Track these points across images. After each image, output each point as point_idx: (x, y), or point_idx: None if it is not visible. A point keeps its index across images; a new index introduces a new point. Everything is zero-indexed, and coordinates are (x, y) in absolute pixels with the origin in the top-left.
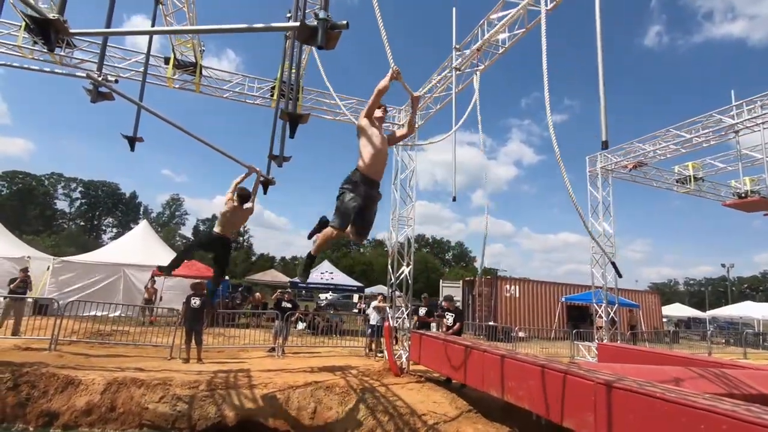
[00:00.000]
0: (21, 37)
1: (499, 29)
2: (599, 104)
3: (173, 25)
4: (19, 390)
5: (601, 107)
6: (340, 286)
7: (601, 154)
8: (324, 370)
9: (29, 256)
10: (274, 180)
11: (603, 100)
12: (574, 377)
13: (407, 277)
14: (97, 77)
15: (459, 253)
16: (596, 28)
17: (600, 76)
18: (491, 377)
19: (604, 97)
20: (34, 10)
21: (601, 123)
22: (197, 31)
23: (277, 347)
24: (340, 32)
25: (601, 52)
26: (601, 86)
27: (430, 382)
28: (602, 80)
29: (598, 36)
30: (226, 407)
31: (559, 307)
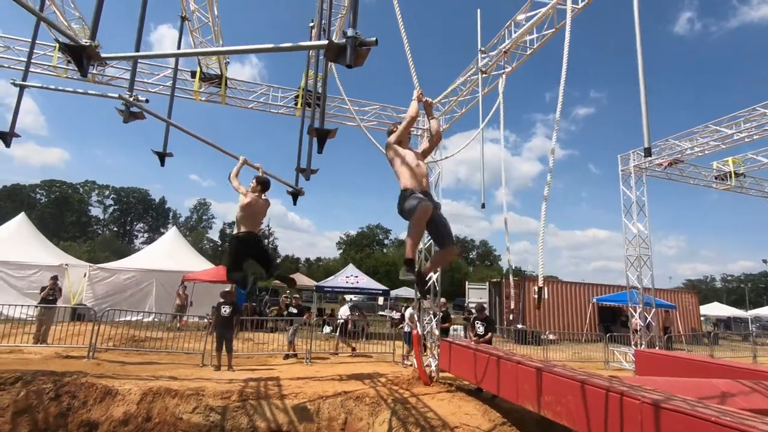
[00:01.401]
0: (55, 57)
1: (526, 30)
2: (641, 110)
3: (199, 39)
4: (61, 400)
5: (642, 113)
6: (366, 290)
7: (634, 152)
8: (352, 378)
9: (67, 264)
10: (303, 191)
11: (644, 107)
12: (617, 395)
13: (435, 283)
14: (128, 98)
15: (483, 252)
16: (635, 28)
17: (641, 80)
18: (526, 390)
19: (646, 104)
20: (67, 37)
21: (643, 130)
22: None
23: (305, 354)
24: (369, 49)
25: (641, 57)
26: (642, 93)
27: (461, 392)
28: (643, 86)
29: (638, 35)
30: (258, 418)
31: (590, 308)
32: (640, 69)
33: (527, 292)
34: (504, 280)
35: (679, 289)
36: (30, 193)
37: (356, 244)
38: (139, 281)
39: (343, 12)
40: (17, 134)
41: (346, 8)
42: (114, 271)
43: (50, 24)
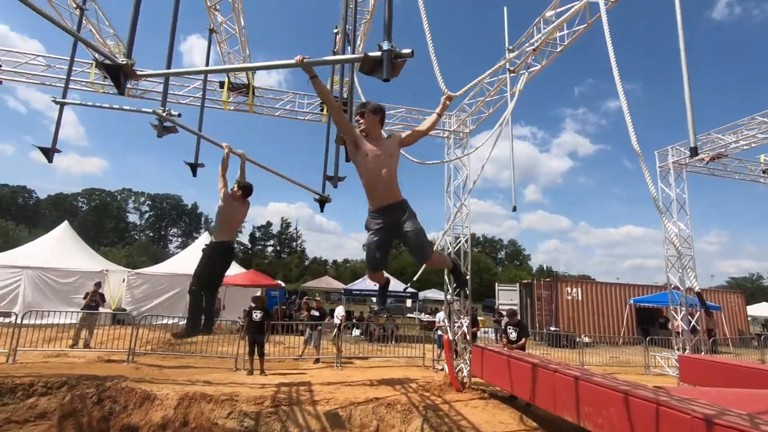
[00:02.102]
0: (93, 73)
1: (557, 26)
2: (685, 106)
3: (227, 49)
4: (103, 404)
5: (687, 110)
6: (394, 293)
7: (673, 147)
8: (383, 383)
9: (107, 269)
10: (330, 198)
11: (689, 104)
12: (665, 408)
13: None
14: (162, 113)
15: (512, 252)
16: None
17: (684, 76)
18: (564, 400)
19: (690, 101)
20: (104, 56)
21: (688, 128)
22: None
23: (335, 359)
24: (404, 61)
25: (684, 52)
26: (686, 88)
27: (495, 399)
28: (687, 82)
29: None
30: (291, 424)
31: (627, 310)
32: (683, 64)
33: (560, 294)
34: (535, 282)
35: (723, 289)
36: (72, 202)
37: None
38: (174, 285)
39: (367, 17)
40: (58, 150)
41: (370, 12)
42: (150, 276)
43: (88, 44)
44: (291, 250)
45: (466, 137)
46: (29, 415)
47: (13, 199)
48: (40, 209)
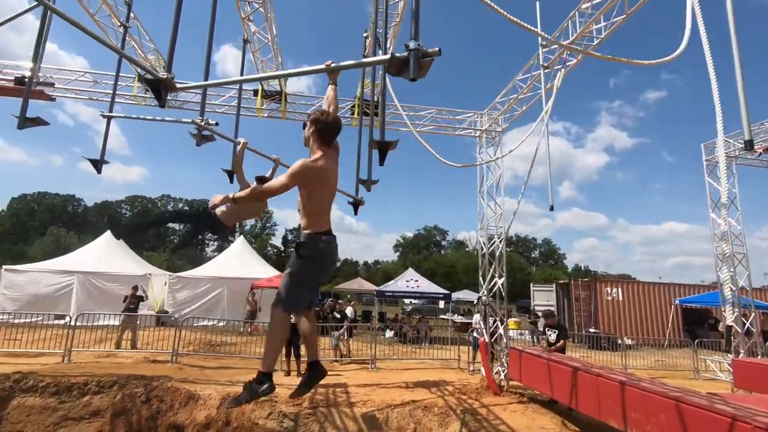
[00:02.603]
0: (135, 87)
1: (594, 19)
2: (738, 98)
3: (260, 58)
4: (151, 404)
5: (740, 100)
6: (427, 294)
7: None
8: (419, 385)
9: (150, 273)
10: (363, 201)
11: (742, 93)
12: (722, 416)
13: (501, 289)
14: (200, 122)
15: (546, 251)
16: None
17: (736, 63)
18: (609, 406)
19: (743, 90)
20: (146, 71)
21: (742, 120)
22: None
23: (369, 360)
24: (432, 60)
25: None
26: (738, 76)
27: (534, 403)
28: (739, 70)
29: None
30: (329, 426)
31: (672, 311)
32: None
33: (599, 294)
34: (572, 282)
35: None
36: (117, 209)
37: (414, 246)
38: (212, 288)
39: (397, 20)
40: (106, 161)
41: (399, 15)
42: (190, 279)
43: (131, 60)
44: None
45: (498, 136)
46: (84, 413)
47: (64, 208)
48: (88, 216)
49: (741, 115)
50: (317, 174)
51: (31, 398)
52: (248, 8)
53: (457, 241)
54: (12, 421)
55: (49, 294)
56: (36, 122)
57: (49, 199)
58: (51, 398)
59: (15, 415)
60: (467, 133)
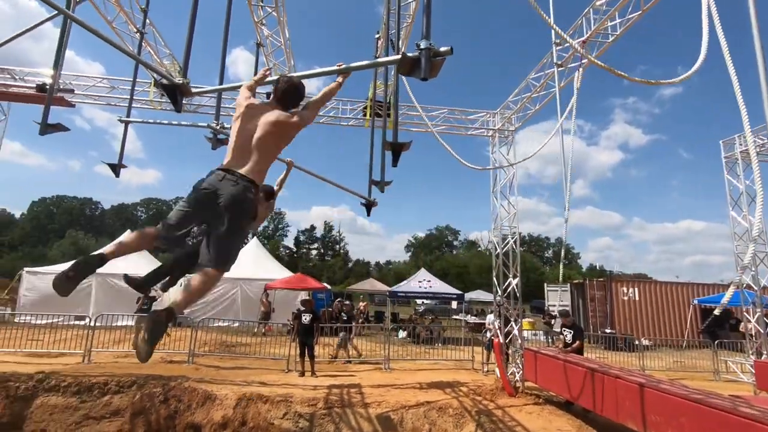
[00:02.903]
0: (152, 92)
1: (609, 16)
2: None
3: (273, 61)
4: (169, 403)
5: (764, 96)
6: (439, 294)
7: (740, 135)
8: (433, 386)
9: None
10: (376, 202)
11: (766, 88)
12: (746, 420)
13: (515, 289)
14: (216, 126)
15: (560, 250)
16: None
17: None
18: (627, 408)
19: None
20: (163, 76)
21: (765, 114)
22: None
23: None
24: (443, 59)
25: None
26: (761, 70)
27: (550, 405)
28: (762, 62)
29: None
30: (344, 426)
31: (690, 311)
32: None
33: (615, 294)
34: (587, 281)
35: None
36: (133, 211)
37: (425, 246)
38: (227, 289)
39: (409, 20)
40: (124, 165)
41: (411, 15)
42: None
43: (148, 66)
44: (334, 252)
45: (511, 135)
46: (105, 412)
47: (82, 211)
48: (105, 219)
49: (764, 110)
50: (237, 106)
51: (54, 397)
52: (261, 12)
53: (469, 241)
54: (35, 420)
55: None
56: (57, 128)
57: (68, 202)
58: (72, 398)
59: (38, 414)
60: (479, 132)
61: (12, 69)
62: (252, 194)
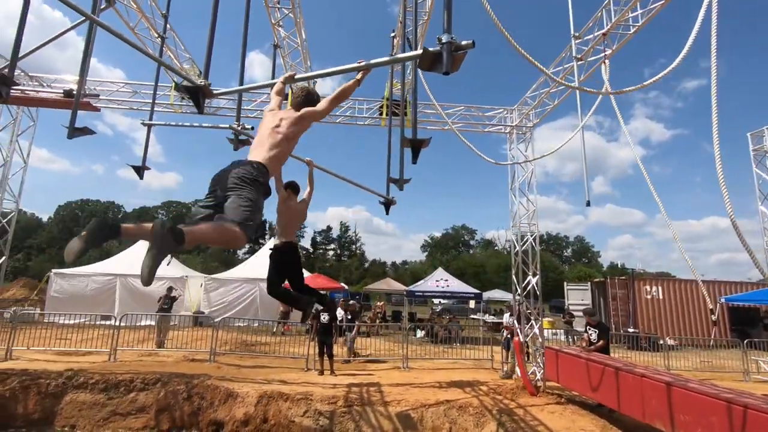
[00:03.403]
0: (172, 96)
1: (631, 6)
2: None
3: (290, 63)
4: (192, 400)
5: None
6: (457, 294)
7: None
8: (453, 385)
9: (187, 275)
10: (395, 200)
11: None
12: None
13: (535, 287)
14: (237, 127)
15: (579, 249)
16: None
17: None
18: (654, 407)
19: None
20: (185, 79)
21: None
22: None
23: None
24: (465, 53)
25: None
26: None
27: (573, 404)
28: None
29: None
30: (364, 424)
31: (718, 310)
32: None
33: (638, 293)
34: (609, 280)
35: None
36: (154, 214)
37: (442, 246)
38: (247, 290)
39: (425, 18)
40: (148, 167)
41: (428, 12)
42: (225, 280)
43: (170, 68)
44: (351, 253)
45: (529, 132)
46: (131, 409)
47: (105, 214)
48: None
49: None
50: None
51: (82, 394)
52: (278, 14)
53: (486, 241)
54: (65, 415)
55: (93, 296)
56: (84, 132)
57: (92, 205)
58: (100, 394)
59: (68, 410)
60: (497, 129)
61: (40, 76)
62: (256, 170)
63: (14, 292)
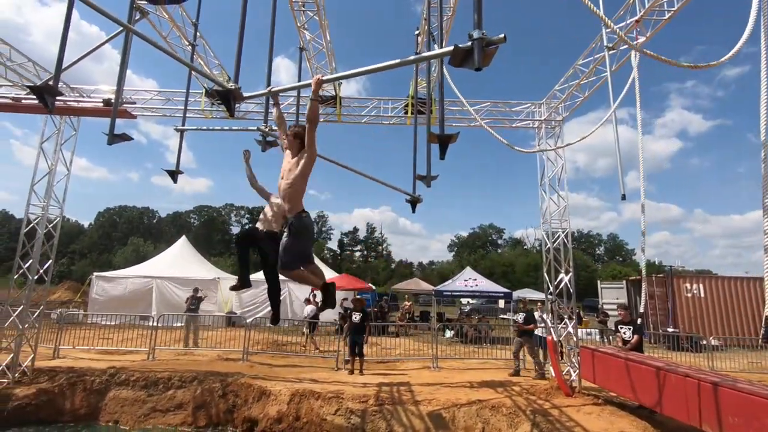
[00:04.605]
0: (203, 102)
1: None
2: None
3: (315, 65)
4: (227, 398)
5: None
6: (487, 293)
7: None
8: (484, 385)
9: (219, 277)
10: (422, 198)
11: None
12: None
13: (568, 285)
14: (265, 129)
15: (612, 247)
16: None
17: None
18: (700, 409)
19: None
20: (217, 84)
21: None
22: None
23: (432, 359)
24: (497, 48)
25: None
26: None
27: (611, 405)
28: None
29: None
30: (395, 423)
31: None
32: None
33: (677, 291)
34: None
35: None
36: (186, 219)
37: (469, 245)
38: None
39: (449, 14)
40: (181, 171)
41: (452, 8)
42: (255, 282)
43: (204, 74)
44: (377, 253)
45: (558, 125)
46: (169, 405)
47: (141, 219)
48: (162, 226)
49: None
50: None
51: (124, 391)
52: (303, 17)
53: (514, 239)
54: (109, 411)
55: (131, 297)
56: (122, 138)
57: (129, 211)
58: (141, 391)
59: (111, 405)
60: (525, 124)
61: (80, 87)
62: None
63: (59, 295)
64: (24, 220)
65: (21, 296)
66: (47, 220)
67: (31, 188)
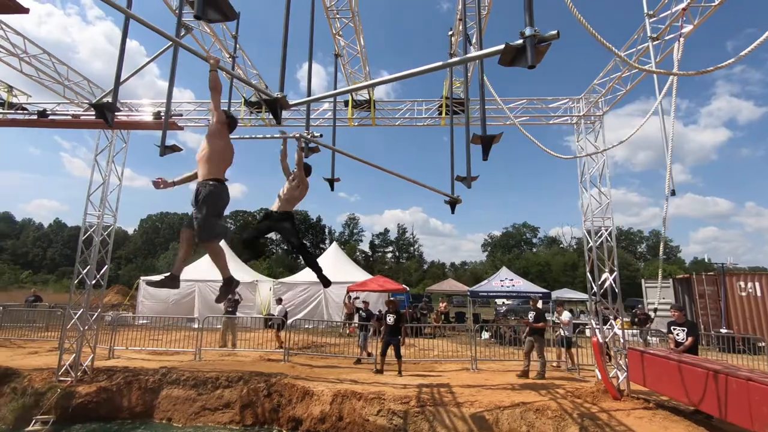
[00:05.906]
0: (242, 110)
1: None
2: None
3: (349, 70)
4: (272, 398)
5: None
6: (524, 293)
7: None
8: (526, 387)
9: (257, 280)
10: (461, 199)
11: None
12: None
13: (612, 285)
14: (307, 135)
15: (655, 244)
16: None
17: None
18: (764, 414)
19: None
20: (263, 93)
21: None
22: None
23: (470, 361)
24: (549, 44)
25: None
26: None
27: (663, 410)
28: None
29: None
30: (438, 425)
31: None
32: None
33: (730, 289)
34: (695, 276)
35: None
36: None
37: (502, 245)
38: (313, 292)
39: (484, 13)
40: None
41: (488, 8)
42: (292, 284)
43: (249, 84)
44: (409, 255)
45: (598, 120)
46: (218, 404)
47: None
48: None
49: None
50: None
51: (176, 390)
52: (338, 24)
53: (549, 238)
54: (162, 409)
55: (176, 300)
56: (173, 149)
57: (170, 218)
58: (191, 390)
59: (164, 404)
60: (563, 121)
61: (129, 102)
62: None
63: (110, 298)
64: (81, 228)
65: (80, 300)
66: (102, 228)
67: (87, 198)
